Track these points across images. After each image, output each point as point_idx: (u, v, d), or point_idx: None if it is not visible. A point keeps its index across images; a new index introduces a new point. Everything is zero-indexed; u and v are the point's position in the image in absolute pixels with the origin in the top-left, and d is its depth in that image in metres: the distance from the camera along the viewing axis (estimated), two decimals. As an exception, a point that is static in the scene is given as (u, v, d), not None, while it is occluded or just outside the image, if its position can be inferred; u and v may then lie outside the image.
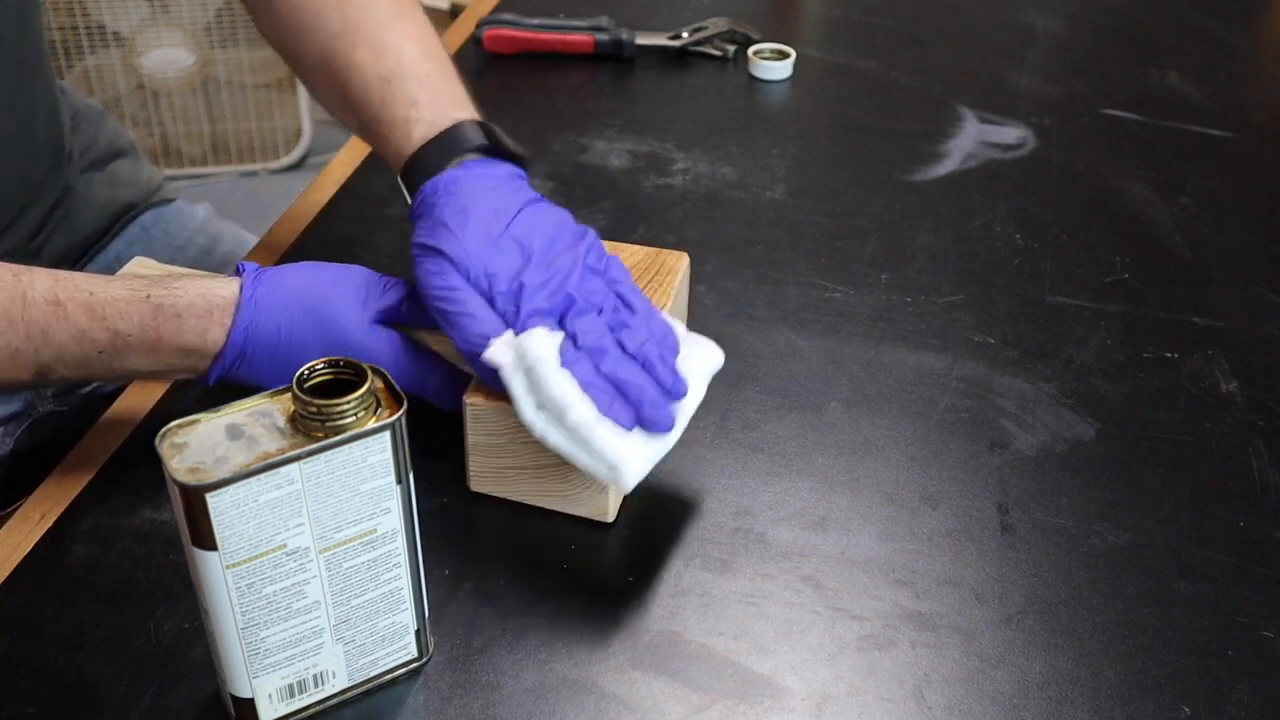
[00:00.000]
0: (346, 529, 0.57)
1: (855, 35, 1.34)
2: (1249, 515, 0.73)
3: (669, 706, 0.62)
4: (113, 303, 0.69)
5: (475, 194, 0.72)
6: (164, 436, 0.54)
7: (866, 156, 1.11)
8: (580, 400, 0.65)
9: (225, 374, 0.71)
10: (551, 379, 0.65)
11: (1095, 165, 1.09)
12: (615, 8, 1.30)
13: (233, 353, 0.70)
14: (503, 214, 0.72)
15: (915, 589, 0.68)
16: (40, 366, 0.69)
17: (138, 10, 2.48)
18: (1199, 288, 0.93)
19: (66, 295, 0.69)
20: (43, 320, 0.68)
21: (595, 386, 0.66)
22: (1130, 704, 0.62)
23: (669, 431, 0.67)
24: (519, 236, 0.71)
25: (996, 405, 0.81)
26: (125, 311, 0.69)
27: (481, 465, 0.72)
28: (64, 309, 0.68)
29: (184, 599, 0.66)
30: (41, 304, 0.68)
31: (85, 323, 0.68)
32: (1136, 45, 1.33)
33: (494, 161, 0.76)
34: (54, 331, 0.68)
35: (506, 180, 0.74)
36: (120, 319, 0.69)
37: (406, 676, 0.63)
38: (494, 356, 0.67)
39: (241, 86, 2.59)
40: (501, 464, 0.71)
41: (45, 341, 0.68)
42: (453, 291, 0.69)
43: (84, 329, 0.68)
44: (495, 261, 0.70)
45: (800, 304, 0.90)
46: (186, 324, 0.69)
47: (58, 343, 0.68)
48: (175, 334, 0.69)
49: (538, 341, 0.66)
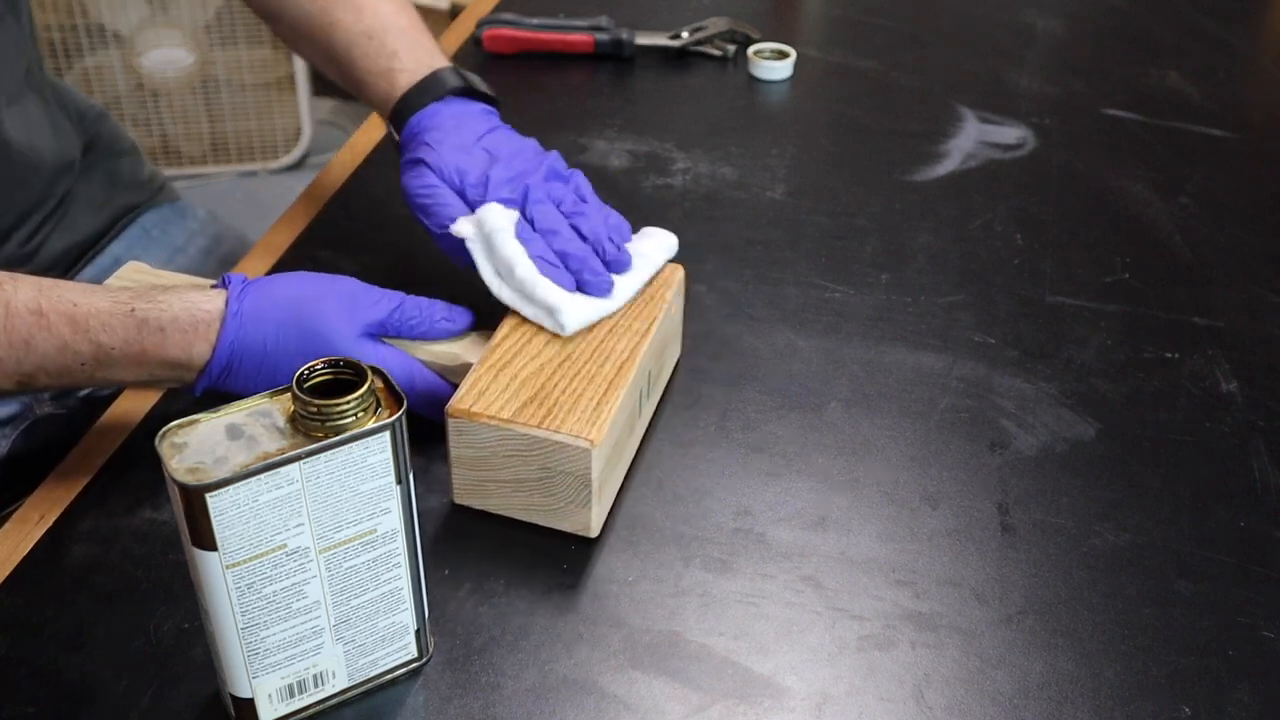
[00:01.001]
0: (346, 529, 0.56)
1: (855, 35, 1.34)
2: (1249, 515, 0.73)
3: (669, 706, 0.62)
4: (96, 315, 0.69)
5: (451, 120, 0.83)
6: (164, 436, 0.54)
7: (866, 156, 1.11)
8: (527, 260, 0.75)
9: (212, 388, 0.71)
10: (504, 244, 0.76)
11: (1095, 165, 1.09)
12: (615, 8, 1.30)
13: (218, 367, 0.70)
14: (474, 133, 0.82)
15: (915, 589, 0.68)
16: (22, 376, 0.69)
17: (137, 10, 2.48)
18: (1199, 288, 0.93)
19: (50, 306, 0.68)
20: (25, 330, 0.68)
21: (544, 259, 0.76)
22: (1130, 704, 0.62)
23: (607, 294, 0.76)
24: (488, 146, 0.82)
25: (996, 405, 0.81)
26: (109, 325, 0.69)
27: (464, 478, 0.71)
28: (47, 319, 0.68)
29: (184, 599, 0.66)
30: (24, 314, 0.68)
31: (68, 335, 0.68)
32: (1136, 45, 1.33)
33: (469, 100, 0.86)
34: (36, 342, 0.68)
35: (480, 113, 0.85)
36: (103, 332, 0.69)
37: (406, 676, 0.63)
38: (458, 229, 0.77)
39: (241, 86, 2.59)
40: (484, 477, 0.71)
41: (28, 352, 0.68)
42: (429, 188, 0.79)
43: (66, 340, 0.68)
44: (466, 162, 0.80)
45: (800, 304, 0.90)
46: (171, 339, 0.69)
47: (40, 353, 0.68)
48: (159, 348, 0.69)
49: (495, 214, 0.77)
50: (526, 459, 0.69)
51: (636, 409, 0.75)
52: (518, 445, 0.68)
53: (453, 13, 2.47)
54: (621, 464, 0.74)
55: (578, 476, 0.68)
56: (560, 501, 0.70)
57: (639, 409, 0.76)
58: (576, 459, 0.67)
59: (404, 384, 0.72)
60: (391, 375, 0.70)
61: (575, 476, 0.68)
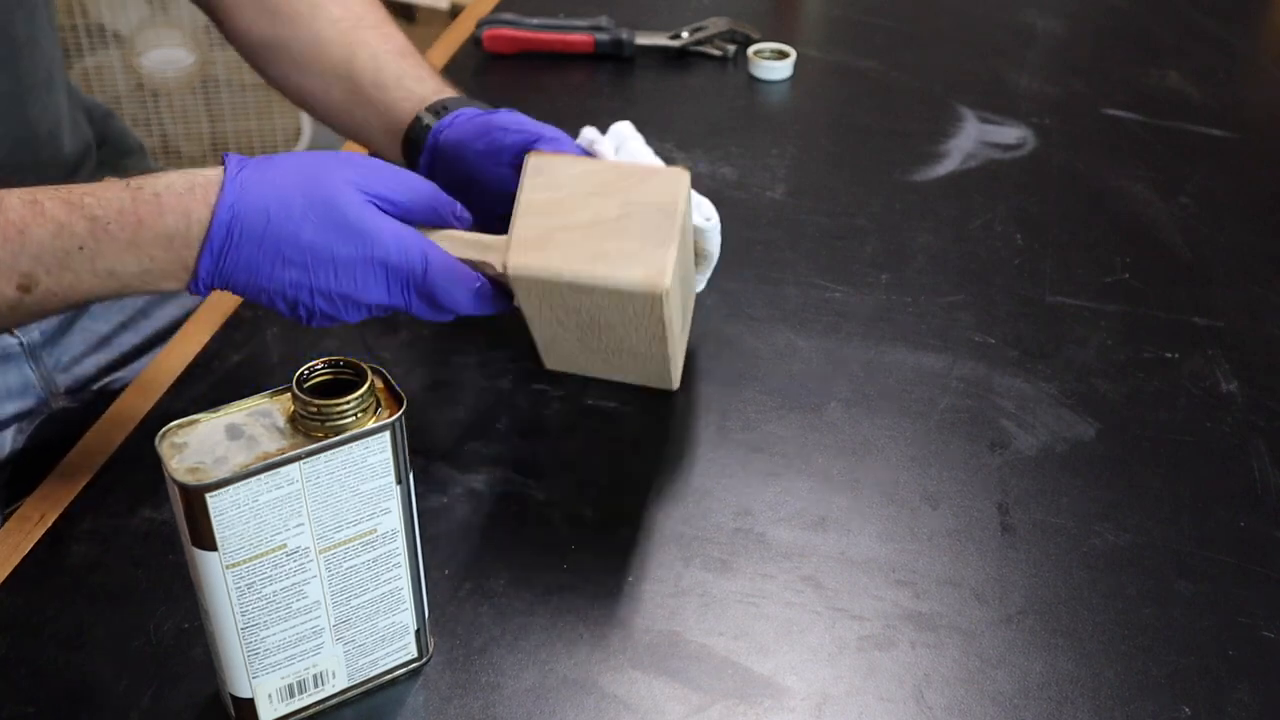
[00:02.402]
0: (346, 529, 0.57)
1: (855, 35, 1.34)
2: (1249, 515, 0.73)
3: (669, 706, 0.62)
4: (91, 193, 0.66)
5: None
6: (164, 436, 0.54)
7: (866, 156, 1.11)
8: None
9: (215, 269, 0.66)
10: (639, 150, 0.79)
11: (1095, 165, 1.09)
12: (615, 8, 1.30)
13: (219, 234, 0.65)
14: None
15: (915, 589, 0.68)
16: (21, 276, 0.66)
17: (137, 10, 2.47)
18: (1199, 288, 0.93)
19: (44, 195, 0.66)
20: (18, 219, 0.65)
21: None
22: (1130, 704, 0.62)
23: None
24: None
25: (996, 405, 0.81)
26: (104, 199, 0.66)
27: (530, 228, 0.68)
28: (41, 206, 0.65)
29: (184, 599, 0.66)
30: (18, 205, 0.65)
31: (63, 215, 0.65)
32: (1136, 45, 1.33)
33: None
34: (31, 229, 0.65)
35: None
36: (99, 206, 0.65)
37: (406, 676, 0.63)
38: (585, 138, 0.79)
39: (241, 86, 2.59)
40: (554, 225, 0.68)
41: (24, 243, 0.65)
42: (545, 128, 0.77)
43: (62, 222, 0.65)
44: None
45: (800, 304, 0.90)
46: (167, 203, 0.65)
47: (36, 240, 0.65)
48: (156, 215, 0.65)
49: (625, 126, 0.80)
50: (607, 196, 0.67)
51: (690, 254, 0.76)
52: (603, 180, 0.67)
53: (453, 13, 2.47)
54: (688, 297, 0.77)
55: (663, 208, 0.66)
56: (636, 242, 0.67)
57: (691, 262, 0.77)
58: (668, 186, 0.67)
59: (416, 260, 0.68)
60: (403, 247, 0.68)
61: (660, 209, 0.66)
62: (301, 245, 0.66)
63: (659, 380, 0.79)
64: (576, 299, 0.69)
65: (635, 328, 0.71)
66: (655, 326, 0.70)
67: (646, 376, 0.79)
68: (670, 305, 0.68)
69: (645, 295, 0.67)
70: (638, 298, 0.68)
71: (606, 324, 0.72)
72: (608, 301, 0.69)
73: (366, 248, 0.66)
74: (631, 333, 0.72)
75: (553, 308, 0.71)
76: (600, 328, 0.72)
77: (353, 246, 0.66)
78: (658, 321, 0.69)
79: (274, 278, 0.66)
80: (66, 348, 0.93)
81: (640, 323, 0.70)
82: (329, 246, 0.66)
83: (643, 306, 0.68)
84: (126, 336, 0.97)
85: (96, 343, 0.95)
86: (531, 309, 0.72)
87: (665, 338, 0.71)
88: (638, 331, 0.71)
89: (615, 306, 0.69)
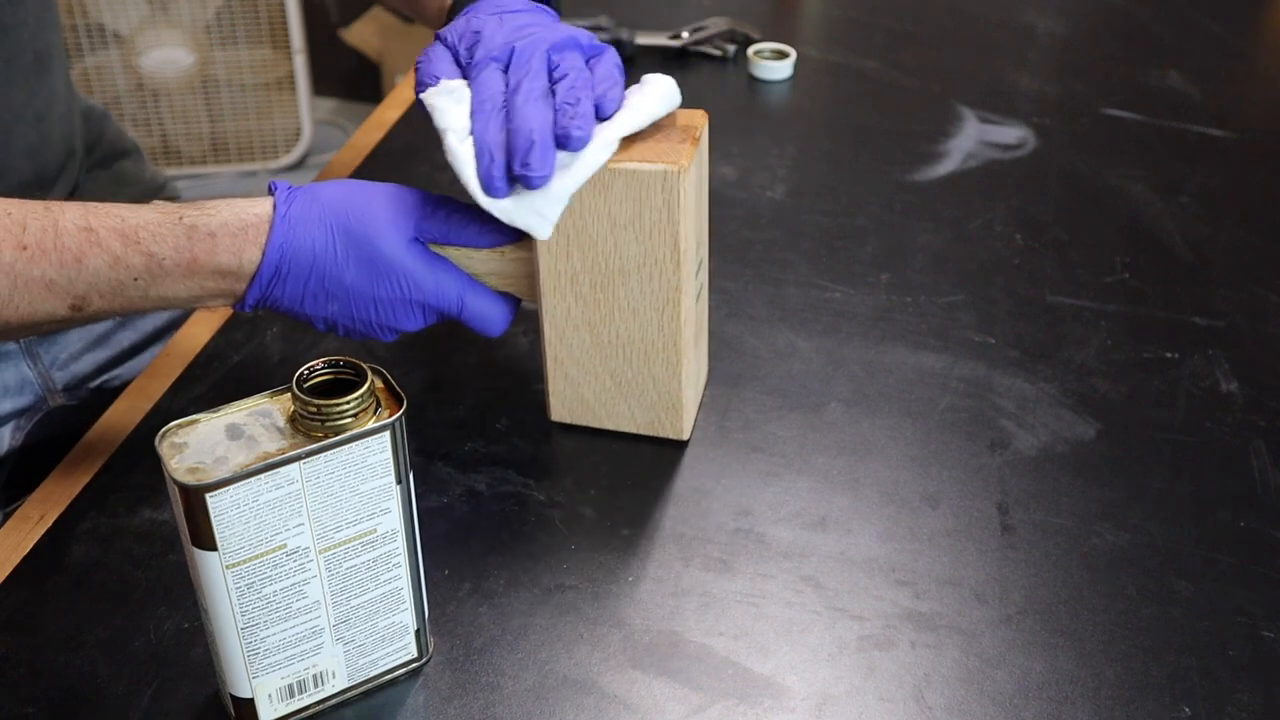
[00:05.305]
0: (346, 529, 0.57)
1: (855, 35, 1.34)
2: (1249, 515, 0.73)
3: (669, 706, 0.62)
4: (145, 226, 0.67)
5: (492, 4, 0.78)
6: (164, 436, 0.54)
7: (866, 156, 1.11)
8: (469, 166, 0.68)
9: (262, 297, 0.69)
10: (450, 150, 0.69)
11: (1095, 165, 1.09)
12: (615, 8, 1.30)
13: (269, 271, 0.68)
14: (501, 6, 0.76)
15: (915, 589, 0.68)
16: (75, 299, 0.68)
17: (137, 10, 2.48)
18: (1199, 288, 0.93)
19: (98, 222, 0.67)
20: (75, 248, 0.66)
21: (486, 146, 0.68)
22: (1130, 704, 0.62)
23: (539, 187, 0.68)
24: (506, 14, 0.75)
25: (996, 405, 0.81)
26: (159, 234, 0.67)
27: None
28: (96, 235, 0.67)
29: (184, 599, 0.66)
30: (74, 231, 0.67)
31: (119, 249, 0.67)
32: (1136, 45, 1.33)
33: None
34: (88, 259, 0.67)
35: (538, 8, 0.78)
36: (154, 242, 0.67)
37: (406, 676, 0.63)
38: (427, 97, 0.72)
39: (241, 86, 2.59)
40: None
41: (80, 271, 0.67)
42: (428, 50, 0.75)
43: (118, 254, 0.67)
44: (475, 25, 0.74)
45: (800, 304, 0.90)
46: (221, 244, 0.68)
47: (92, 270, 0.67)
48: (210, 254, 0.68)
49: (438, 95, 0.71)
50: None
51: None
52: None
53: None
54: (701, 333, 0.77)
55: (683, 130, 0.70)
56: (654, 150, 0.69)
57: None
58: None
59: (455, 292, 0.71)
60: (442, 281, 0.70)
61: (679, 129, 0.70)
62: (344, 285, 0.69)
63: (670, 413, 0.77)
64: (595, 225, 0.70)
65: (652, 264, 0.70)
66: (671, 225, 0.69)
67: (656, 414, 0.77)
68: (686, 195, 0.68)
69: (661, 174, 0.68)
70: (655, 177, 0.68)
71: (620, 269, 0.71)
72: (626, 193, 0.69)
73: (406, 291, 0.70)
74: (647, 280, 0.71)
75: (568, 253, 0.71)
76: (615, 276, 0.71)
77: (392, 289, 0.69)
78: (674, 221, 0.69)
79: (317, 307, 0.70)
80: (64, 345, 0.93)
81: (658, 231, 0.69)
82: (369, 289, 0.69)
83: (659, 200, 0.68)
84: (124, 334, 0.97)
85: (94, 340, 0.95)
86: (548, 261, 0.72)
87: (680, 264, 0.70)
88: (654, 280, 0.71)
89: (633, 211, 0.69)
